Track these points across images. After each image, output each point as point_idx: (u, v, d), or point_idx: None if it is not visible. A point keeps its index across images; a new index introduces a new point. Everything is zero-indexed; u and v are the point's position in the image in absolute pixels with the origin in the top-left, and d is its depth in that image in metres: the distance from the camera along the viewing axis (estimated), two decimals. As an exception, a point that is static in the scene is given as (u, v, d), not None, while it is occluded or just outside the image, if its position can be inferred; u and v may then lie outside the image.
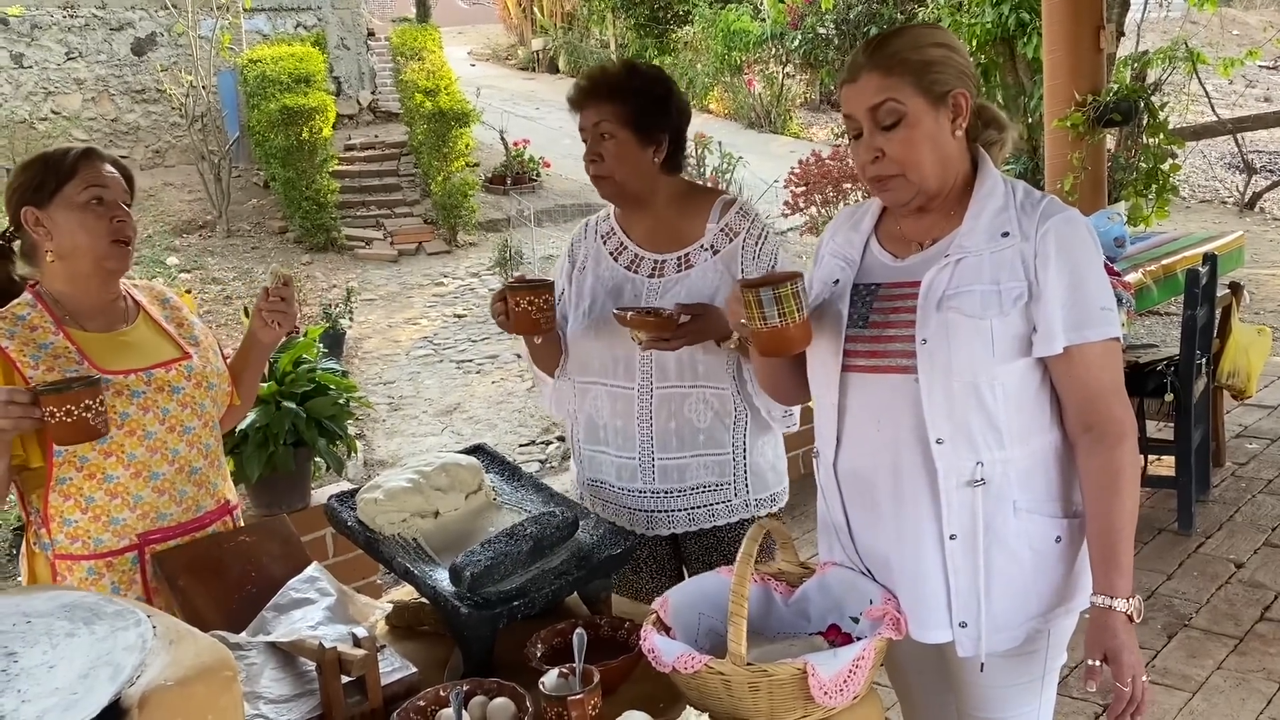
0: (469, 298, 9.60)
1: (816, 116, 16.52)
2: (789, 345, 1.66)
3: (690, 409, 2.20)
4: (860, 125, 1.64)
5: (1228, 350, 4.56)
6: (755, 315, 1.63)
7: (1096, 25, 5.64)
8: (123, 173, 2.04)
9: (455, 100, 11.61)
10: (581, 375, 2.29)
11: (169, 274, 9.55)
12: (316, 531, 3.15)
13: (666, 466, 2.22)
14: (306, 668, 1.68)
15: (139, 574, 1.98)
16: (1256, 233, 10.62)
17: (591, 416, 2.29)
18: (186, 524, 2.03)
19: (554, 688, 1.56)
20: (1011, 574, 1.66)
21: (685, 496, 2.24)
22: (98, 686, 1.21)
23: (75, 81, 12.48)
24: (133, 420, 1.94)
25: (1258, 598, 3.58)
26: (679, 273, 2.22)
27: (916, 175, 1.63)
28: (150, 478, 1.97)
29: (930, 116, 1.62)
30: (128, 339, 2.01)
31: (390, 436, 6.80)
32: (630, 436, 2.23)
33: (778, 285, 1.62)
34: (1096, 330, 1.61)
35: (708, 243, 2.23)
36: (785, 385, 1.88)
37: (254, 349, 2.21)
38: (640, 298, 2.23)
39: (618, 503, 2.28)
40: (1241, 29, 19.04)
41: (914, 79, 1.61)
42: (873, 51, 1.63)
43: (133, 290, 2.11)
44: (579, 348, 2.27)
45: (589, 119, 2.23)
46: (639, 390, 2.21)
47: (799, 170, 9.09)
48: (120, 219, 1.97)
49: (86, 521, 1.94)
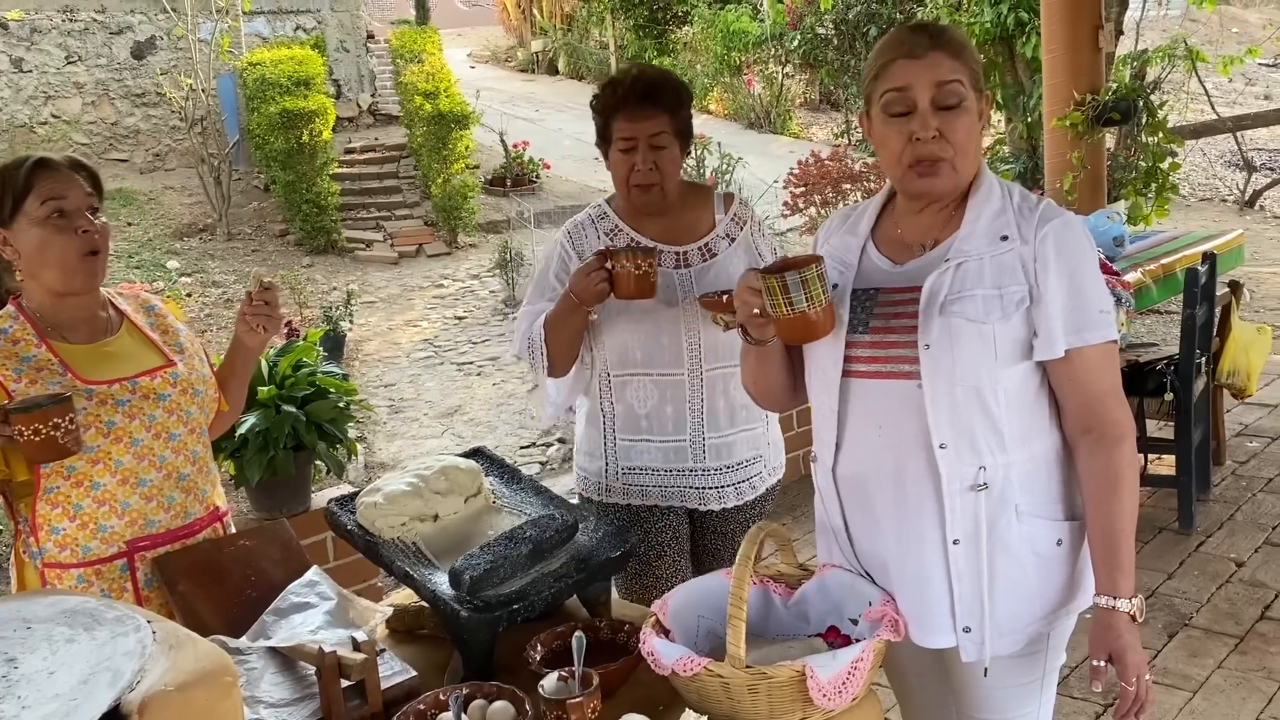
0: (469, 300, 9.61)
1: (816, 117, 16.52)
2: (815, 331, 1.61)
3: (735, 386, 2.30)
4: (914, 101, 1.61)
5: (1228, 349, 4.56)
6: (781, 302, 1.58)
7: (1095, 24, 5.64)
8: (86, 172, 1.97)
9: (455, 102, 11.61)
10: (620, 369, 2.33)
11: (169, 277, 9.56)
12: (317, 535, 3.15)
13: (718, 445, 2.34)
14: (306, 672, 1.69)
15: (129, 581, 1.97)
16: (1256, 231, 10.62)
17: (631, 408, 2.34)
18: (176, 530, 2.01)
19: (553, 691, 1.56)
20: (1015, 578, 1.66)
21: (733, 472, 2.37)
22: (97, 692, 1.21)
23: (75, 85, 12.50)
24: (119, 428, 1.93)
25: (1258, 596, 3.58)
26: (705, 262, 2.33)
27: (963, 164, 1.63)
28: (138, 485, 1.96)
29: (975, 112, 1.64)
30: (111, 349, 1.99)
31: (391, 439, 6.80)
32: (681, 420, 2.32)
33: (803, 269, 1.57)
34: (1096, 333, 1.62)
35: (723, 231, 2.37)
36: (775, 390, 1.84)
37: (240, 354, 2.18)
38: (674, 287, 2.30)
39: (665, 484, 2.35)
40: (1241, 26, 19.03)
41: (970, 71, 1.63)
42: (934, 34, 1.63)
43: (116, 298, 2.08)
44: (618, 341, 2.31)
45: (647, 129, 2.24)
46: (689, 374, 2.30)
47: (798, 171, 9.09)
48: (85, 229, 1.91)
49: (75, 529, 1.93)
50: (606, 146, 2.32)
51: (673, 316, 2.28)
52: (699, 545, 2.48)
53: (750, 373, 1.85)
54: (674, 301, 2.29)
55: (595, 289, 2.17)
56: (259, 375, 3.07)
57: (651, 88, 2.25)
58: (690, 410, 2.31)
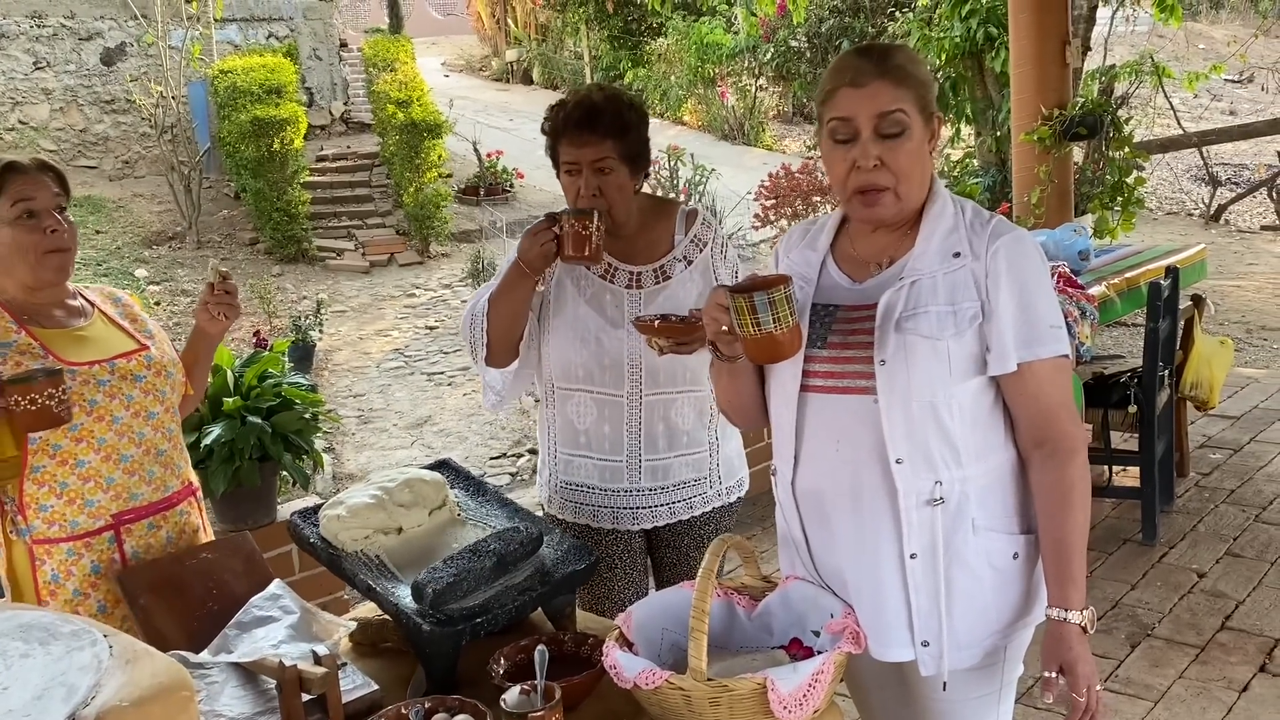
0: (441, 309, 9.59)
1: (790, 129, 16.62)
2: (782, 351, 1.61)
3: (676, 412, 2.30)
4: (857, 130, 1.62)
5: (1191, 362, 4.62)
6: (748, 321, 1.58)
7: (1063, 40, 5.70)
8: (54, 173, 2.08)
9: (428, 111, 11.60)
10: (564, 382, 2.32)
11: (138, 285, 9.48)
12: (282, 547, 3.12)
13: (654, 467, 2.31)
14: (268, 685, 1.68)
15: (117, 552, 2.06)
16: (1221, 244, 10.76)
17: (571, 422, 2.33)
18: (157, 503, 2.12)
19: (516, 705, 1.56)
20: (972, 592, 1.67)
21: (668, 492, 2.34)
22: (52, 707, 1.20)
23: (43, 91, 12.38)
24: (101, 407, 2.04)
25: (1219, 607, 3.63)
26: (657, 284, 2.30)
27: (906, 190, 1.64)
28: (120, 460, 2.07)
29: (922, 134, 1.65)
30: (86, 334, 2.10)
31: (360, 450, 6.77)
32: (618, 441, 2.30)
33: (771, 289, 1.57)
34: (1047, 348, 1.64)
35: (680, 254, 2.33)
36: (748, 407, 1.84)
37: (202, 341, 2.30)
38: (622, 308, 2.28)
39: (598, 504, 2.34)
40: (1207, 43, 19.32)
41: (916, 95, 1.63)
42: (879, 60, 1.62)
43: (84, 291, 2.20)
44: (561, 355, 2.30)
45: (588, 155, 2.22)
46: (628, 397, 2.28)
47: (769, 184, 9.13)
48: (53, 228, 2.02)
49: (62, 505, 2.02)
50: (557, 169, 2.31)
51: (617, 337, 2.26)
52: (656, 559, 2.48)
53: (724, 391, 1.85)
54: (619, 322, 2.27)
55: (542, 249, 2.15)
56: (224, 386, 3.05)
57: (593, 113, 2.22)
58: (628, 432, 2.29)
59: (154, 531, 2.12)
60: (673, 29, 16.29)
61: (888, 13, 13.42)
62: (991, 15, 8.09)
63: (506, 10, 20.36)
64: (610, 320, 2.27)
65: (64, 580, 2.02)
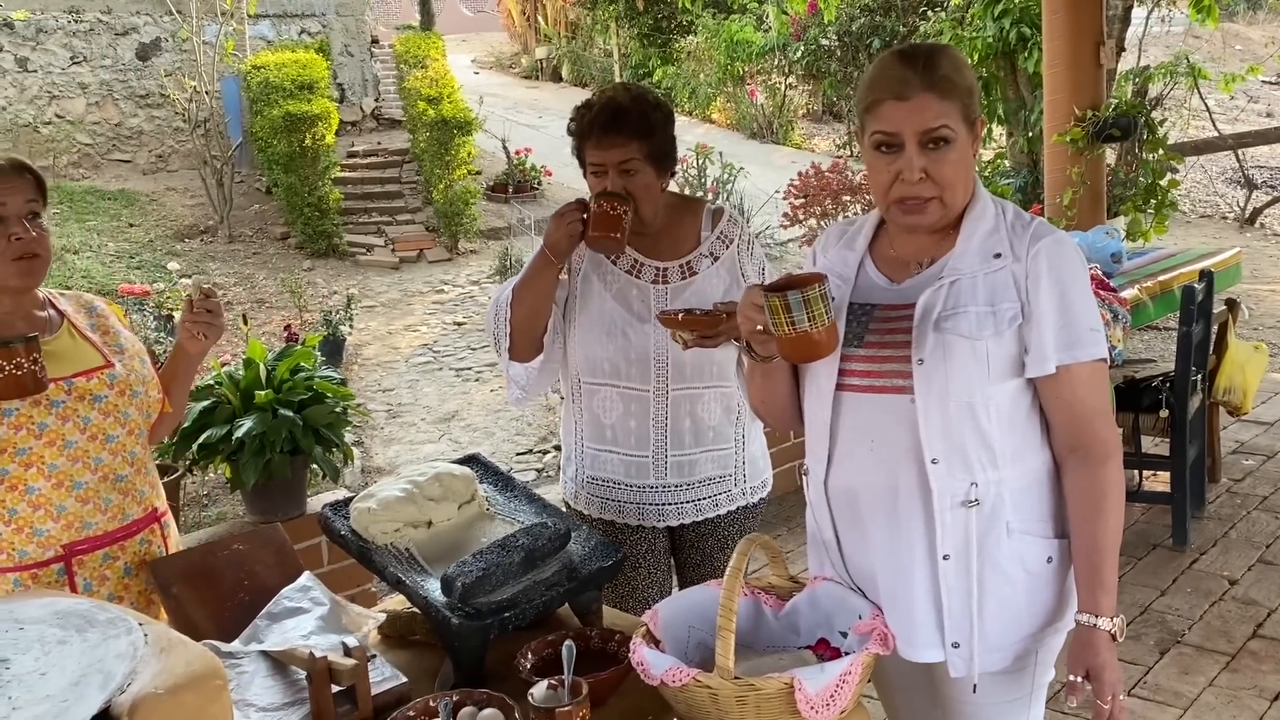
0: (469, 305, 9.62)
1: (819, 128, 16.56)
2: (817, 350, 1.59)
3: (703, 408, 2.31)
4: (901, 142, 1.61)
5: (1224, 366, 4.57)
6: (783, 321, 1.56)
7: (1097, 41, 5.66)
8: (31, 175, 1.98)
9: (458, 108, 11.64)
10: (590, 377, 2.33)
11: (170, 279, 9.55)
12: (311, 539, 3.15)
13: (679, 462, 2.32)
14: (298, 676, 1.70)
15: (67, 585, 1.94)
16: (1256, 248, 10.63)
17: (598, 417, 2.34)
18: (113, 533, 2.00)
19: (543, 699, 1.57)
20: (1004, 594, 1.67)
21: (694, 489, 2.35)
22: (88, 694, 1.22)
23: (79, 86, 12.52)
24: (51, 430, 1.92)
25: (1251, 614, 3.59)
26: (684, 279, 2.32)
27: (951, 198, 1.64)
28: (73, 487, 1.95)
29: (967, 141, 1.64)
30: (50, 349, 1.96)
31: (388, 444, 6.81)
32: (644, 436, 2.31)
33: (805, 288, 1.55)
34: (1086, 351, 1.63)
35: (706, 250, 2.34)
36: (784, 407, 1.83)
37: (181, 360, 2.19)
38: (649, 302, 2.29)
39: (623, 499, 2.35)
40: (1244, 44, 19.10)
41: (961, 105, 1.61)
42: (923, 71, 1.59)
43: (57, 299, 2.09)
44: (587, 350, 2.31)
45: (614, 156, 2.23)
46: (654, 392, 2.29)
47: (798, 182, 9.11)
48: (18, 236, 1.92)
49: (10, 534, 1.91)
50: (583, 169, 2.31)
51: (643, 332, 2.27)
52: (680, 560, 2.48)
53: (757, 390, 1.84)
54: (646, 317, 2.28)
55: (568, 228, 2.17)
56: (256, 379, 3.08)
57: (619, 114, 2.22)
58: (654, 427, 2.30)
59: (110, 563, 1.99)
60: (703, 27, 16.26)
61: (919, 12, 13.33)
62: (1025, 15, 8.04)
63: (537, 8, 20.40)
64: (637, 315, 2.28)
65: None
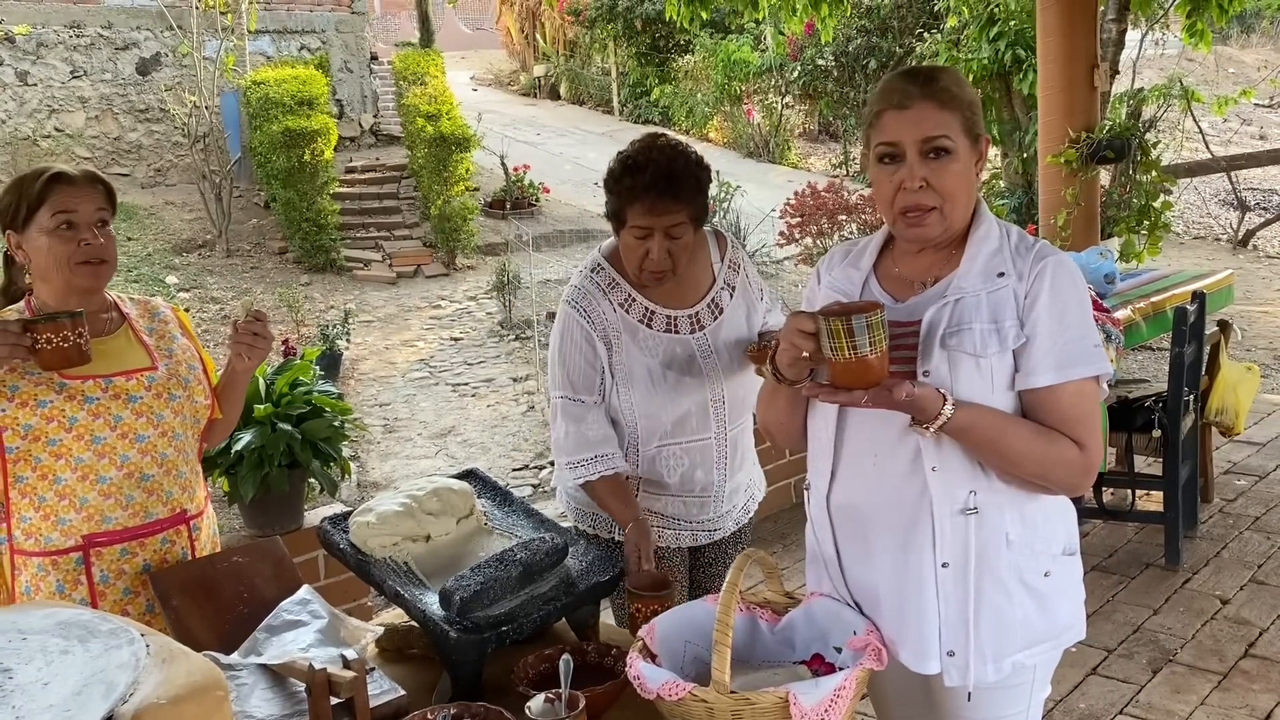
0: (466, 321, 9.63)
1: (815, 147, 16.62)
2: (872, 375, 1.56)
3: (744, 434, 2.39)
4: (902, 152, 1.64)
5: (1216, 387, 4.60)
6: (844, 345, 1.54)
7: (1091, 63, 5.71)
8: (103, 186, 2.09)
9: (456, 125, 11.67)
10: (649, 442, 2.29)
11: (168, 292, 9.57)
12: (309, 553, 3.16)
13: (731, 489, 2.40)
14: (296, 689, 1.70)
15: (84, 575, 2.03)
16: (1249, 270, 10.68)
17: (661, 476, 2.32)
18: (133, 529, 2.06)
19: (540, 712, 1.58)
20: (1001, 605, 1.68)
21: (735, 511, 2.45)
22: (91, 704, 1.23)
23: (79, 100, 12.55)
24: (81, 425, 2.01)
25: (1243, 634, 3.60)
26: (715, 320, 2.31)
27: (951, 210, 1.66)
28: (97, 481, 2.03)
29: (968, 156, 1.67)
30: (103, 348, 2.06)
31: (385, 458, 6.81)
32: (709, 480, 2.34)
33: (868, 314, 1.54)
34: (1087, 367, 1.64)
35: (723, 282, 2.34)
36: (798, 428, 1.84)
37: (231, 375, 2.26)
38: (693, 352, 2.28)
39: (678, 529, 2.38)
40: (1237, 67, 19.21)
41: (962, 118, 1.65)
42: (924, 83, 1.64)
43: (124, 303, 2.18)
44: (648, 419, 2.26)
45: (665, 222, 2.13)
46: (715, 436, 2.31)
47: (795, 201, 9.15)
48: (88, 241, 2.03)
49: (38, 519, 2.02)
50: (619, 225, 2.20)
51: (698, 384, 2.26)
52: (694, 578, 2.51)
53: (778, 413, 1.84)
54: (695, 370, 2.26)
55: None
56: (255, 393, 3.10)
57: (673, 179, 2.12)
58: (718, 469, 2.34)
59: (128, 558, 2.05)
60: (700, 46, 16.35)
61: (915, 33, 13.42)
62: (1020, 37, 8.11)
63: (535, 26, 20.49)
64: (687, 370, 2.27)
65: (34, 594, 2.02)
